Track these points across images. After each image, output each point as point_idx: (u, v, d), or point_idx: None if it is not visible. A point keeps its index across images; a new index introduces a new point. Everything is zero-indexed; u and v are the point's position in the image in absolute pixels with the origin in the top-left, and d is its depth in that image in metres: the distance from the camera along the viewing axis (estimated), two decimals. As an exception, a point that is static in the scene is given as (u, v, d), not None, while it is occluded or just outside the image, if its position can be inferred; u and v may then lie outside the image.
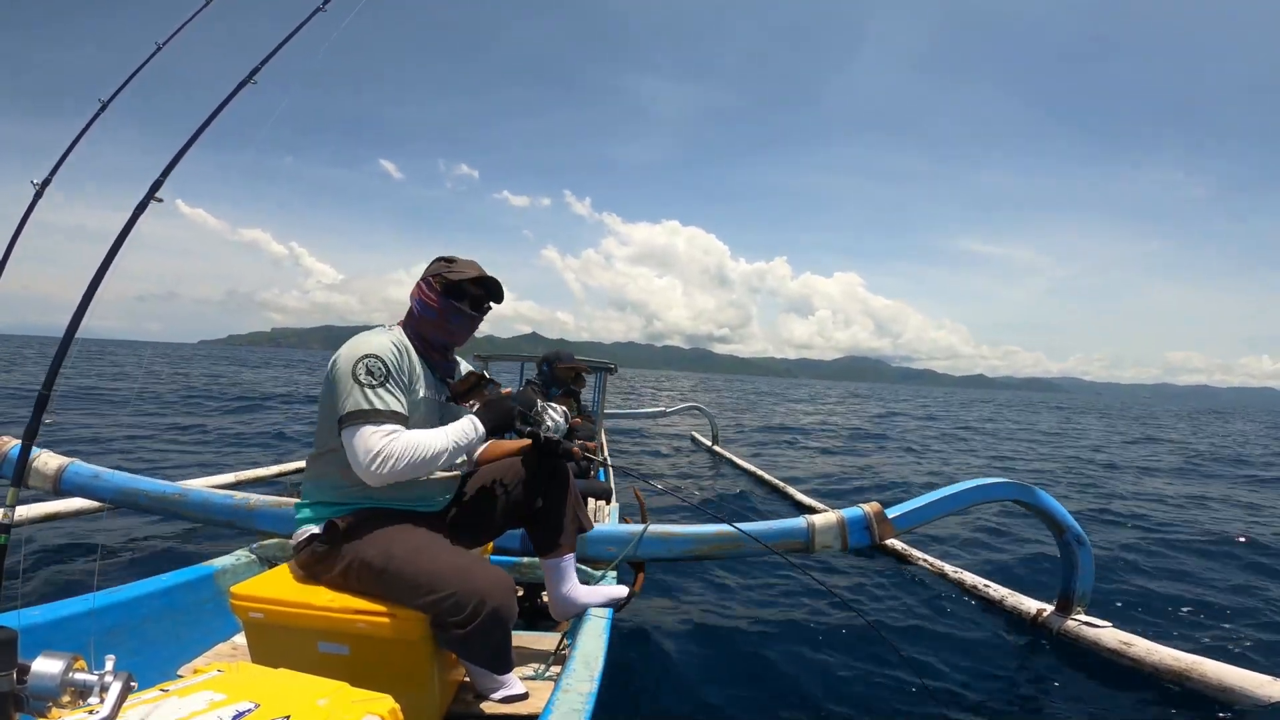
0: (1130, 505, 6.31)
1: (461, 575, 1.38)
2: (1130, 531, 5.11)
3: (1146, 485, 8.00)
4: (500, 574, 1.44)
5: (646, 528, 2.33)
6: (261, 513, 2.33)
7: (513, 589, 1.44)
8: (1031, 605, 2.97)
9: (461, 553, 1.50)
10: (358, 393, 1.43)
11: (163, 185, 1.51)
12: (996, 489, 2.64)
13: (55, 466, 2.40)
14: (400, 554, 1.43)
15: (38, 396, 1.34)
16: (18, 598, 1.36)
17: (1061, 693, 2.39)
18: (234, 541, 2.49)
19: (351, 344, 1.51)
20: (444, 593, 1.36)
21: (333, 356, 1.51)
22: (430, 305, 1.62)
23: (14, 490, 1.33)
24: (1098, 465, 10.12)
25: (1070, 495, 6.92)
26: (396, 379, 1.49)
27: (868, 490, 7.01)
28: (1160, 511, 6.05)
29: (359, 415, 1.41)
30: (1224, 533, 5.12)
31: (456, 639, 1.38)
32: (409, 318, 1.68)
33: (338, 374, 1.46)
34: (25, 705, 0.74)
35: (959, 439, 14.75)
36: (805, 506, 5.56)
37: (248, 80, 1.74)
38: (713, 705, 2.25)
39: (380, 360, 1.47)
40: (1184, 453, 13.12)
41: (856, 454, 10.54)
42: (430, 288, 1.63)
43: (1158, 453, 12.98)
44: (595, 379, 6.85)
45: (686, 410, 11.62)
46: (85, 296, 1.38)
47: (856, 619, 2.97)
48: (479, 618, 1.35)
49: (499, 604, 1.37)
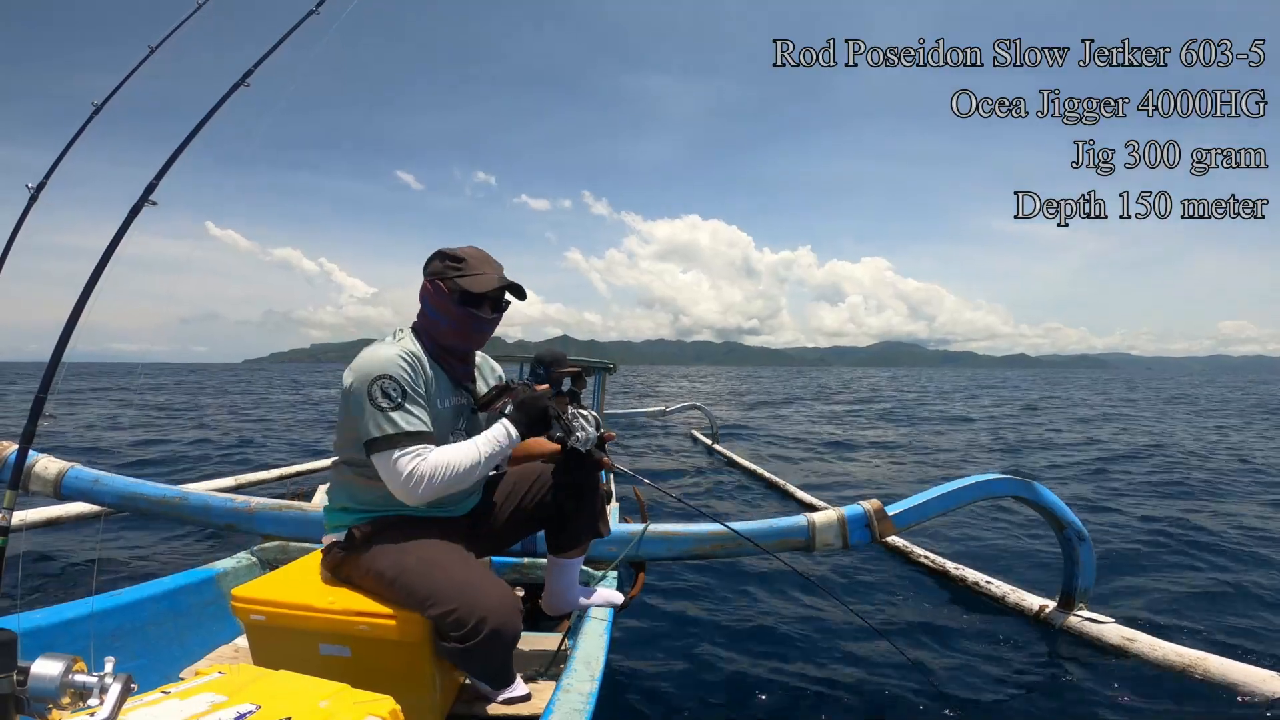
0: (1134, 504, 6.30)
1: (467, 592, 1.37)
2: (1135, 526, 5.10)
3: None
4: (507, 593, 1.42)
5: (647, 527, 2.33)
6: (262, 516, 2.34)
7: (518, 609, 1.42)
8: (1034, 602, 2.96)
9: (474, 568, 1.48)
10: (380, 418, 1.41)
11: (156, 189, 1.51)
12: (997, 485, 2.64)
13: (56, 471, 2.40)
14: (412, 566, 1.42)
15: (34, 400, 1.34)
16: (18, 601, 1.35)
17: (1064, 689, 2.38)
18: (235, 545, 2.49)
19: (362, 361, 1.46)
20: (446, 607, 1.35)
21: (346, 370, 1.48)
22: (447, 314, 1.55)
23: (11, 493, 1.33)
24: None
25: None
26: (414, 396, 1.46)
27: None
28: (1161, 509, 6.04)
29: (384, 441, 1.40)
30: (1231, 527, 5.11)
31: (456, 653, 1.37)
32: (422, 319, 1.61)
33: (354, 397, 1.44)
34: (25, 707, 0.74)
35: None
36: (805, 504, 5.56)
37: (240, 83, 1.73)
38: (713, 705, 2.25)
39: (394, 380, 1.44)
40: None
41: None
42: (441, 294, 1.54)
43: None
44: (594, 379, 6.84)
45: (687, 408, 11.62)
46: (82, 297, 1.37)
47: (857, 616, 2.96)
48: (478, 636, 1.33)
49: (500, 625, 1.35)
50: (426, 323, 1.60)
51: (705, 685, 2.38)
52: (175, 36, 1.91)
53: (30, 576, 3.01)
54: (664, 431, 11.97)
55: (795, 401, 22.73)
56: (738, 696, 2.31)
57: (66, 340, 1.36)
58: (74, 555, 3.43)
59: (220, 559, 2.17)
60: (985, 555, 4.14)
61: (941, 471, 8.13)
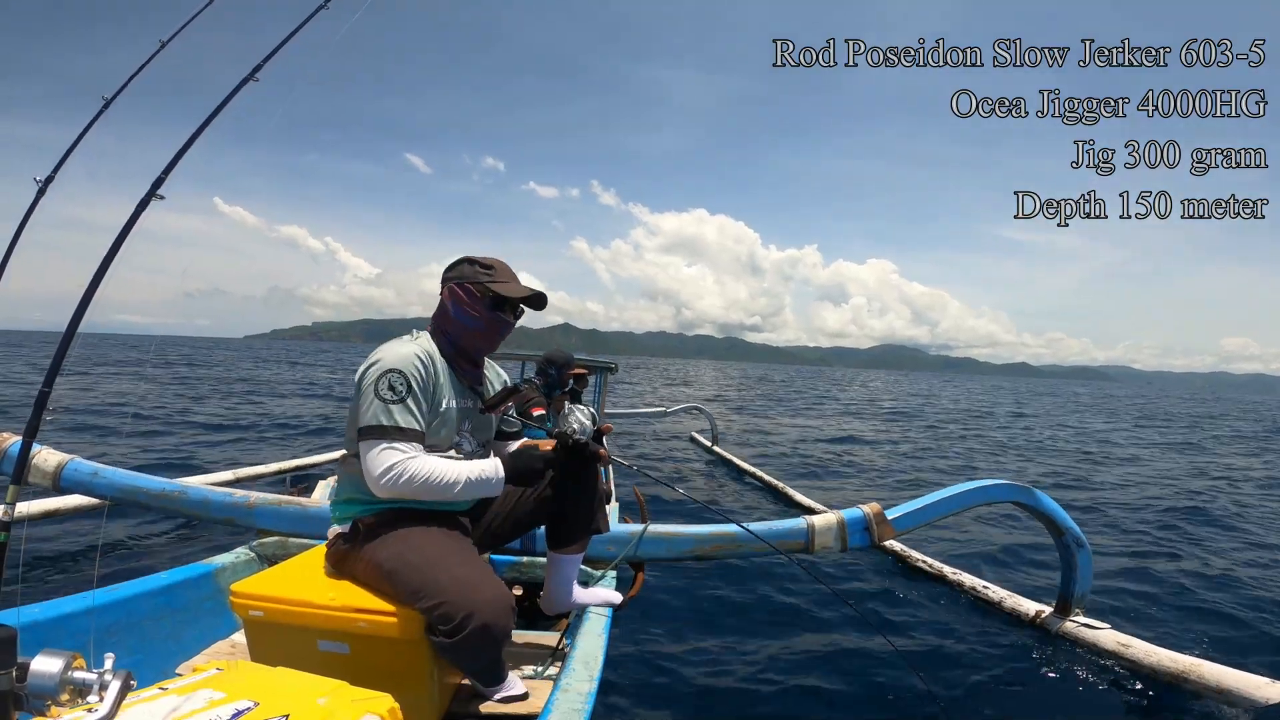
0: (1135, 505, 6.31)
1: (459, 586, 1.37)
2: (1134, 531, 5.11)
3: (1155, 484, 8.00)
4: (501, 591, 1.42)
5: (646, 528, 2.33)
6: (261, 510, 2.33)
7: (511, 608, 1.42)
8: (1030, 607, 2.97)
9: (472, 563, 1.49)
10: (378, 407, 1.45)
11: (164, 182, 1.51)
12: (996, 490, 2.64)
13: (55, 463, 2.40)
14: (410, 558, 1.43)
15: (38, 393, 1.34)
16: (17, 595, 1.35)
17: (1060, 694, 2.39)
18: (234, 539, 2.49)
19: (379, 354, 1.51)
20: (436, 600, 1.36)
21: (364, 363, 1.52)
22: (476, 317, 1.59)
23: (14, 488, 1.33)
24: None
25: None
26: (419, 395, 1.50)
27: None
28: (1161, 510, 6.05)
29: (376, 430, 1.44)
30: (1227, 532, 5.12)
31: (445, 647, 1.38)
32: (442, 322, 1.64)
33: (364, 385, 1.48)
34: (24, 704, 0.74)
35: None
36: (805, 507, 5.56)
37: (250, 77, 1.73)
38: (713, 705, 2.25)
39: (403, 375, 1.47)
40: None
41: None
42: (472, 297, 1.59)
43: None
44: (595, 379, 6.84)
45: (687, 410, 11.61)
46: (87, 292, 1.37)
47: (856, 619, 2.97)
48: (465, 630, 1.33)
49: (489, 621, 1.35)
50: (448, 324, 1.63)
51: (704, 685, 2.38)
52: (187, 30, 1.91)
53: (28, 569, 3.01)
54: (663, 432, 11.96)
55: (796, 402, 22.74)
56: (737, 696, 2.31)
57: (69, 338, 1.36)
58: (72, 548, 3.43)
59: (219, 554, 2.17)
60: (982, 560, 4.15)
61: (940, 476, 8.15)
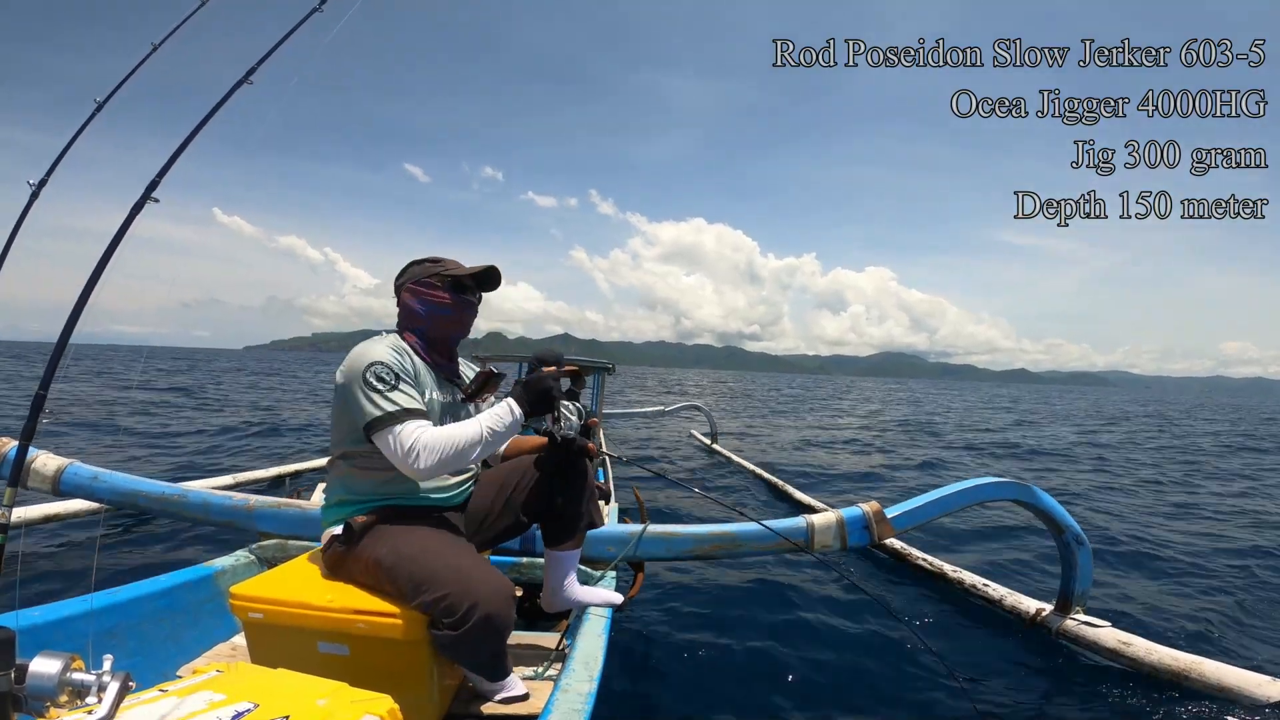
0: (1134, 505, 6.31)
1: (460, 578, 1.38)
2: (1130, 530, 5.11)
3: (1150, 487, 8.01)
4: (502, 582, 1.43)
5: (646, 528, 2.33)
6: (261, 513, 2.33)
7: (512, 598, 1.43)
8: (1030, 605, 2.97)
9: (468, 555, 1.50)
10: (377, 398, 1.47)
11: (159, 185, 1.51)
12: (996, 489, 2.64)
13: (55, 467, 2.40)
14: (407, 552, 1.44)
15: (35, 397, 1.34)
16: (16, 598, 1.35)
17: (1060, 692, 2.39)
18: (233, 542, 2.49)
19: (354, 356, 1.53)
20: (439, 593, 1.36)
21: (339, 369, 1.54)
22: (443, 304, 1.66)
23: (11, 490, 1.33)
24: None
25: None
26: (407, 380, 1.53)
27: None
28: (1161, 511, 6.05)
29: (384, 420, 1.45)
30: (1226, 533, 5.12)
31: (449, 641, 1.38)
32: (409, 322, 1.69)
33: (349, 387, 1.50)
34: (24, 705, 0.74)
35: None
36: (804, 505, 5.56)
37: (243, 81, 1.73)
38: (712, 705, 2.25)
39: (386, 365, 1.51)
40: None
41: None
42: (433, 288, 1.66)
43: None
44: (593, 379, 6.86)
45: (685, 409, 11.62)
46: (81, 297, 1.37)
47: (855, 619, 2.97)
48: (470, 622, 1.34)
49: (493, 611, 1.36)
50: (417, 322, 1.68)
51: (704, 685, 2.38)
52: (179, 33, 1.91)
53: (27, 573, 3.00)
54: (663, 432, 11.97)
55: (796, 405, 22.73)
56: (737, 696, 2.31)
57: (64, 342, 1.35)
58: (72, 552, 3.42)
59: (219, 556, 2.17)
60: (982, 558, 4.15)
61: (939, 476, 8.15)
